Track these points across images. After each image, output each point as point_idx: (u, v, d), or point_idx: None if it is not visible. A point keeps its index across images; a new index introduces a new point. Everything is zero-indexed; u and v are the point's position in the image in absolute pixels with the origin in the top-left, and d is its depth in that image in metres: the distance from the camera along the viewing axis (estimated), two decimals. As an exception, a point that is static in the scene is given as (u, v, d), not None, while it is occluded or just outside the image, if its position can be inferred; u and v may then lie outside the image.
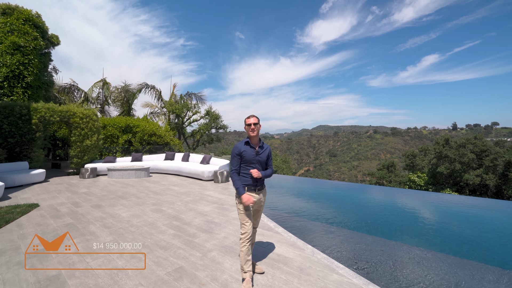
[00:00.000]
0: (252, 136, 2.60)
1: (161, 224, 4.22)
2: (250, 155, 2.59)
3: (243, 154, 2.60)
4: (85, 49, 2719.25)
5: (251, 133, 2.58)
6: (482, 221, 5.72)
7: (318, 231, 4.53)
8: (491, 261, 3.57)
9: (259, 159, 2.61)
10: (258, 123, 2.63)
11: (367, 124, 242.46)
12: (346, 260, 3.39)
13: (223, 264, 2.86)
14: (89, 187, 7.38)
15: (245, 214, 2.55)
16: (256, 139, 2.64)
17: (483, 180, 19.93)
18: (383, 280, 2.92)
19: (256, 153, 2.61)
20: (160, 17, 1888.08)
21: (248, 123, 2.61)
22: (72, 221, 4.30)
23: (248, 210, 2.54)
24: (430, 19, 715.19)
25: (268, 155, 2.71)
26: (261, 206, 2.74)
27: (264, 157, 2.66)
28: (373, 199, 7.98)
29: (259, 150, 2.63)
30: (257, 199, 2.64)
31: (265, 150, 2.68)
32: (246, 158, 2.58)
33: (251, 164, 2.59)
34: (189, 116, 19.10)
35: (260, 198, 2.70)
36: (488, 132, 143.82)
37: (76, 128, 9.44)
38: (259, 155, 2.62)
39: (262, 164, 2.66)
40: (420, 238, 4.39)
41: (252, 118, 2.62)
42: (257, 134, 2.61)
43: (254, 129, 2.58)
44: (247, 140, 2.65)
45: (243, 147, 2.62)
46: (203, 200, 5.93)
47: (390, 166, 28.46)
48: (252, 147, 2.61)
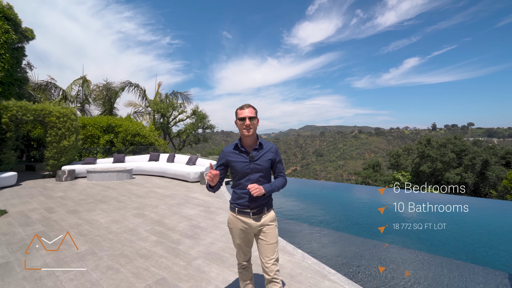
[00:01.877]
0: (246, 136, 1.78)
1: (143, 230, 3.96)
2: (240, 164, 1.79)
3: (230, 164, 1.83)
4: (65, 46, 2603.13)
5: (245, 132, 1.75)
6: (466, 220, 5.85)
7: (307, 233, 4.42)
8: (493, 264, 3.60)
9: (257, 167, 1.80)
10: (256, 116, 1.80)
11: (352, 124, 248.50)
12: (337, 264, 3.29)
13: (208, 274, 2.67)
14: (65, 190, 6.92)
15: (234, 242, 1.95)
16: (251, 140, 1.82)
17: (463, 178, 20.84)
18: (374, 283, 2.84)
19: (250, 159, 1.80)
20: (145, 14, 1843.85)
21: (241, 117, 1.76)
22: (43, 229, 3.94)
23: (238, 237, 1.89)
24: (411, 24, 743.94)
25: (273, 157, 1.85)
26: (264, 233, 1.82)
27: (265, 163, 1.81)
28: (361, 199, 8.02)
29: (255, 154, 1.81)
30: (250, 226, 1.83)
31: (265, 152, 1.83)
32: (236, 168, 1.80)
33: (245, 176, 1.81)
34: (175, 116, 18.61)
35: (258, 225, 1.82)
36: (464, 132, 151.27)
37: (52, 128, 8.86)
38: (255, 162, 1.80)
39: (265, 173, 1.83)
40: (409, 238, 4.38)
41: (247, 109, 1.76)
42: (253, 133, 1.78)
43: (249, 126, 1.74)
44: (237, 142, 1.85)
45: (230, 152, 1.84)
46: (189, 203, 5.68)
47: (376, 166, 29.18)
48: (243, 152, 1.81)
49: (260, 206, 1.83)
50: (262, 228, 1.83)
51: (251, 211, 1.81)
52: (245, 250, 1.95)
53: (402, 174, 19.81)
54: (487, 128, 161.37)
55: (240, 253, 1.97)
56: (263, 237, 1.82)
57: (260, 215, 1.84)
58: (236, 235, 1.90)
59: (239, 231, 1.88)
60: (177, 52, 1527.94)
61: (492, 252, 3.98)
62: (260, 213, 1.83)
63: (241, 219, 1.84)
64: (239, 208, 1.84)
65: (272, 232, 1.83)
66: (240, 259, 2.00)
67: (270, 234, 1.82)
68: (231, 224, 1.92)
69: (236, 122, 1.81)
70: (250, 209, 1.81)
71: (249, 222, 1.83)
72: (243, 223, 1.85)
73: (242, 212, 1.84)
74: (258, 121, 1.83)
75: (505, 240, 4.54)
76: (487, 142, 29.11)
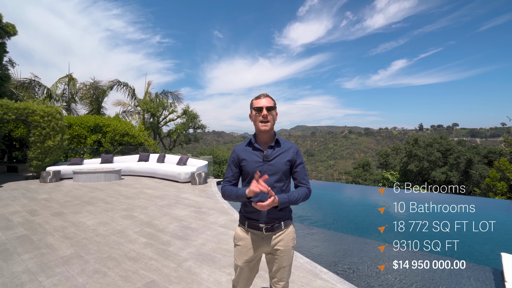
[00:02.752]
0: (263, 131, 1.47)
1: (132, 232, 3.85)
2: (252, 163, 1.48)
3: (242, 163, 1.51)
4: (50, 43, 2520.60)
5: (262, 126, 1.45)
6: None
7: (298, 232, 4.43)
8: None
9: (271, 169, 1.46)
10: (275, 108, 1.50)
11: (342, 125, 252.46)
12: (328, 263, 3.30)
13: (200, 275, 2.62)
14: (50, 192, 6.67)
15: (236, 264, 1.54)
16: (268, 136, 1.51)
17: (448, 177, 21.52)
18: (366, 281, 2.86)
19: (264, 158, 1.48)
20: (134, 12, 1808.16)
21: (257, 106, 1.46)
22: (26, 233, 3.78)
23: (247, 261, 1.50)
24: (398, 26, 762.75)
25: (292, 159, 1.50)
26: (278, 257, 1.50)
27: (282, 165, 1.47)
28: (352, 198, 8.13)
29: (269, 153, 1.48)
30: (261, 245, 1.49)
31: (282, 152, 1.50)
32: (247, 168, 1.49)
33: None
34: (165, 116, 18.33)
35: (272, 245, 1.49)
36: (449, 132, 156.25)
37: (35, 128, 8.54)
38: (269, 162, 1.47)
39: (281, 177, 1.48)
40: (400, 236, 4.46)
41: (264, 98, 1.47)
42: (270, 128, 1.47)
43: (267, 117, 1.45)
44: (250, 138, 1.55)
45: (242, 150, 1.54)
46: (179, 203, 5.59)
47: (365, 165, 29.73)
48: (257, 149, 1.50)
49: (275, 220, 1.47)
50: (277, 250, 1.49)
51: (265, 226, 1.46)
52: (248, 277, 1.56)
53: (391, 173, 20.28)
54: (470, 128, 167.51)
55: (240, 279, 1.56)
56: (277, 260, 1.51)
57: (275, 232, 1.49)
58: (242, 255, 1.51)
59: (247, 250, 1.50)
60: (167, 51, 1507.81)
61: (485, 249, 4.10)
62: (277, 229, 1.49)
63: (252, 234, 1.50)
64: (250, 221, 1.50)
65: (287, 256, 1.51)
66: (238, 286, 1.58)
67: (284, 258, 1.50)
68: (239, 240, 1.54)
69: (250, 115, 1.53)
70: (264, 223, 1.46)
71: (260, 239, 1.49)
72: (253, 240, 1.49)
73: (253, 226, 1.49)
74: (277, 115, 1.54)
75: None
76: (471, 142, 30.33)
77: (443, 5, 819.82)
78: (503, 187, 13.30)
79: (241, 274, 1.54)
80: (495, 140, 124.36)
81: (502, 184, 13.40)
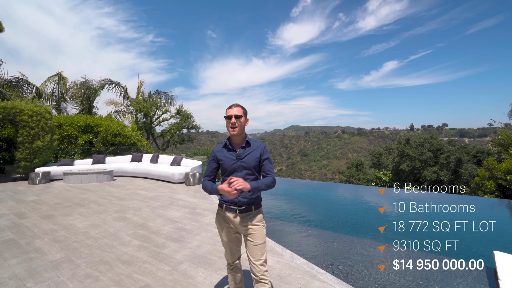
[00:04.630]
0: (233, 135, 1.84)
1: (125, 235, 3.76)
2: (228, 161, 1.84)
3: (220, 162, 1.89)
4: (39, 41, 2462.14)
5: (232, 131, 1.81)
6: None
7: (295, 233, 4.41)
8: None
9: (243, 165, 1.82)
10: (243, 115, 1.84)
11: (335, 125, 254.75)
12: (325, 264, 3.29)
13: (195, 278, 2.57)
14: (39, 194, 6.47)
15: (222, 241, 1.97)
16: (239, 138, 1.87)
17: (439, 176, 21.97)
18: (363, 281, 2.86)
19: (237, 157, 1.84)
20: (127, 10, 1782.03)
21: (228, 115, 1.82)
22: (13, 236, 3.64)
23: (226, 236, 1.91)
24: (389, 28, 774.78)
25: (260, 156, 1.87)
26: (251, 234, 1.82)
27: (252, 161, 1.83)
28: (346, 197, 8.18)
29: (242, 152, 1.85)
30: (236, 224, 1.84)
31: (252, 151, 1.86)
32: (224, 166, 1.85)
33: (232, 173, 1.84)
34: (159, 115, 18.09)
35: (245, 224, 1.82)
36: (439, 132, 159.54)
37: (24, 128, 8.28)
38: (242, 160, 1.83)
39: (252, 171, 1.85)
40: (396, 236, 4.49)
41: (234, 108, 1.83)
42: (239, 133, 1.83)
43: (235, 124, 1.79)
44: (226, 141, 1.92)
45: (219, 151, 1.90)
46: (173, 204, 5.50)
47: (359, 165, 30.08)
48: (231, 150, 1.87)
49: (248, 204, 1.82)
50: (249, 229, 1.82)
51: (238, 208, 1.81)
52: (233, 249, 1.94)
53: (384, 173, 20.56)
54: (459, 128, 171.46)
55: (228, 252, 1.96)
56: (251, 237, 1.81)
57: (247, 213, 1.83)
58: (224, 233, 1.91)
59: (226, 228, 1.89)
60: (160, 50, 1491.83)
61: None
62: (247, 211, 1.83)
63: (228, 216, 1.85)
64: (226, 204, 1.85)
65: (259, 233, 1.82)
66: (228, 259, 1.98)
67: (257, 235, 1.81)
68: (218, 221, 1.93)
69: (226, 121, 1.86)
70: (237, 206, 1.81)
71: (235, 220, 1.83)
72: (229, 220, 1.86)
73: (229, 209, 1.84)
74: (247, 121, 1.89)
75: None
76: (460, 141, 31.03)
77: (432, 8, 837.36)
78: (492, 186, 13.63)
79: (228, 247, 1.93)
80: (482, 140, 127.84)
81: (490, 183, 13.73)
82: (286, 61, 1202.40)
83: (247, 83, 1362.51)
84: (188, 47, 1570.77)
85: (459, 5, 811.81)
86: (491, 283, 2.89)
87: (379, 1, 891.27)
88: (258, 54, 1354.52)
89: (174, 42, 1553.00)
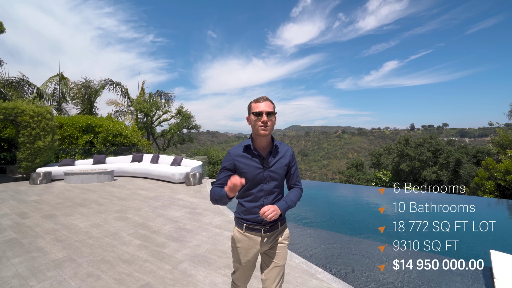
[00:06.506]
0: (262, 136, 1.44)
1: (126, 234, 3.81)
2: (252, 170, 1.46)
3: (240, 170, 1.47)
4: (40, 41, 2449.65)
5: (262, 130, 1.41)
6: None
7: (293, 232, 4.45)
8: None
9: (272, 175, 1.48)
10: (275, 112, 1.47)
11: (336, 125, 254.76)
12: (323, 262, 3.33)
13: (195, 277, 2.61)
14: (40, 194, 6.52)
15: (235, 264, 1.60)
16: (266, 141, 1.49)
17: (438, 176, 22.02)
18: (361, 281, 2.90)
19: (265, 165, 1.47)
20: (127, 10, 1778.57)
21: (257, 111, 1.41)
22: (15, 236, 3.69)
23: (244, 259, 1.54)
24: (389, 28, 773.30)
25: (289, 163, 1.55)
26: (274, 253, 1.54)
27: (280, 169, 1.51)
28: (345, 197, 8.22)
29: (270, 160, 1.48)
30: (260, 245, 1.52)
31: (281, 157, 1.52)
32: (247, 176, 1.45)
33: (257, 185, 1.48)
34: (159, 116, 18.15)
35: (270, 242, 1.54)
36: (439, 132, 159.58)
37: (25, 128, 8.34)
38: (270, 169, 1.48)
39: (280, 182, 1.53)
40: (395, 236, 4.53)
41: (263, 102, 1.43)
42: (269, 133, 1.45)
43: (267, 122, 1.41)
44: (248, 143, 1.49)
45: (239, 156, 1.48)
46: (174, 204, 5.55)
47: (359, 165, 30.13)
48: (256, 155, 1.48)
49: (273, 221, 1.52)
50: (274, 248, 1.55)
51: (263, 228, 1.50)
52: (248, 275, 1.63)
53: (384, 173, 20.60)
54: (459, 128, 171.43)
55: (242, 277, 1.62)
56: (272, 257, 1.54)
57: (273, 231, 1.54)
58: (242, 256, 1.55)
59: (246, 251, 1.54)
60: (160, 50, 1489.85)
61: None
62: (274, 229, 1.53)
63: (250, 236, 1.52)
64: (248, 224, 1.51)
65: (283, 253, 1.55)
66: (240, 283, 1.65)
67: (281, 255, 1.54)
68: (238, 242, 1.56)
69: (248, 118, 1.49)
70: (262, 225, 1.49)
71: (259, 240, 1.52)
72: (252, 242, 1.53)
73: (251, 229, 1.51)
74: (275, 119, 1.49)
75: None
76: (460, 141, 31.12)
77: (432, 8, 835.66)
78: (491, 186, 13.66)
79: (242, 272, 1.60)
80: (483, 140, 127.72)
81: (490, 183, 13.76)
82: (286, 61, 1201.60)
83: (247, 83, 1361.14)
84: (188, 47, 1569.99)
85: (459, 5, 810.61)
86: (489, 282, 2.92)
87: (379, 1, 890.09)
88: (258, 54, 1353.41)
89: (174, 42, 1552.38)
